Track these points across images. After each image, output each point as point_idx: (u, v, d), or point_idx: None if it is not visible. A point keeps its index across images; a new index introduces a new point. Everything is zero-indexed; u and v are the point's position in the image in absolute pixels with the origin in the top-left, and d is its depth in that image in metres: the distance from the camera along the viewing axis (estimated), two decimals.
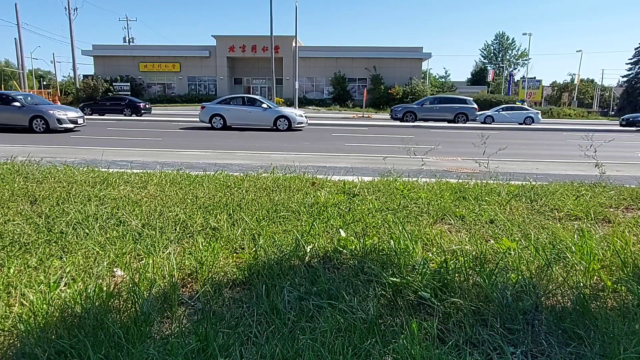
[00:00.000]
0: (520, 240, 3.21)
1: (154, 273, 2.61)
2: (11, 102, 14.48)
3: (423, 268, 2.54)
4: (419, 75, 43.01)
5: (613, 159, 8.76)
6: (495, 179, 5.67)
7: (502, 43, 73.78)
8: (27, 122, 14.27)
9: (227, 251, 3.05)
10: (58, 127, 14.32)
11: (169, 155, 9.33)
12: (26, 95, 15.61)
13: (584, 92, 55.66)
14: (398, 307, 2.27)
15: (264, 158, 9.08)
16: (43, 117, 14.22)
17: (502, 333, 2.04)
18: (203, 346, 1.87)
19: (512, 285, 2.41)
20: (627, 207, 4.56)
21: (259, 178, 5.59)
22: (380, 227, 3.62)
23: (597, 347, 1.93)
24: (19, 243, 3.06)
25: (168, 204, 4.20)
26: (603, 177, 5.62)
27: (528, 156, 10.58)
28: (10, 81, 55.34)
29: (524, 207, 4.38)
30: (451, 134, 17.87)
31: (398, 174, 5.95)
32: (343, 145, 12.58)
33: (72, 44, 39.72)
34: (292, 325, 2.08)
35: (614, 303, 2.36)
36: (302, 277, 2.60)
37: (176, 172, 5.92)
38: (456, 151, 11.20)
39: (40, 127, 14.26)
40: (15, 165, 6.10)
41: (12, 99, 14.58)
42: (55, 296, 2.31)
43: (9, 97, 14.75)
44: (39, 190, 4.57)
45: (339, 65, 42.93)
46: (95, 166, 6.36)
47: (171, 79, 45.17)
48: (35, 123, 14.26)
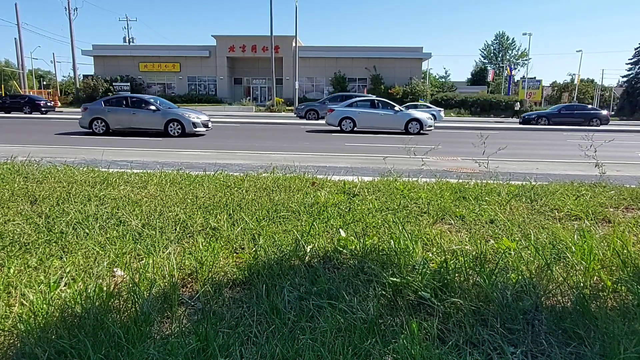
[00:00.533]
0: (520, 240, 3.21)
1: (154, 273, 2.61)
2: (147, 105, 14.28)
3: (423, 268, 2.54)
4: (419, 75, 43.03)
5: (613, 159, 8.76)
6: (495, 179, 5.67)
7: (502, 43, 73.76)
8: (163, 126, 14.01)
9: (227, 251, 3.05)
10: (193, 130, 14.04)
11: (169, 155, 9.33)
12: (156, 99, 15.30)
13: (584, 92, 55.56)
14: (398, 307, 2.27)
15: (264, 158, 9.08)
16: (179, 121, 13.92)
17: (502, 333, 2.04)
18: (203, 346, 1.87)
19: (512, 285, 2.41)
20: (627, 207, 4.56)
21: (259, 178, 5.59)
22: (380, 227, 3.62)
23: (597, 347, 1.93)
24: (19, 243, 3.06)
25: (168, 204, 4.20)
26: (603, 177, 5.61)
27: (528, 156, 10.58)
28: (10, 81, 55.32)
29: (524, 207, 4.38)
30: (451, 134, 17.87)
31: (398, 174, 5.95)
32: (343, 145, 12.58)
33: (72, 44, 39.76)
34: (292, 325, 2.08)
35: (614, 303, 2.36)
36: (302, 277, 2.60)
37: (176, 172, 5.92)
38: (456, 151, 11.21)
39: (176, 131, 13.91)
40: (15, 165, 6.10)
41: (148, 103, 14.39)
42: (55, 296, 2.31)
43: (145, 101, 14.55)
44: (39, 190, 4.57)
45: (339, 65, 42.95)
46: (95, 166, 6.36)
47: (171, 79, 45.20)
48: (171, 127, 13.95)
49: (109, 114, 14.25)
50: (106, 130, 14.22)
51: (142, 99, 14.88)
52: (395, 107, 17.37)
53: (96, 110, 14.37)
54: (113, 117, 14.24)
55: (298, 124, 22.16)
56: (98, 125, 14.23)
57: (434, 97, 43.01)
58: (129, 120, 14.22)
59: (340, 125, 16.90)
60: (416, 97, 40.08)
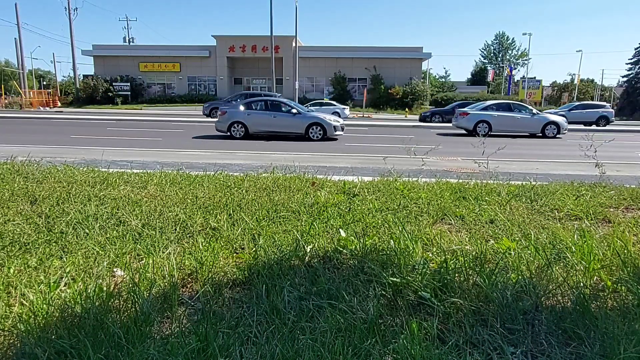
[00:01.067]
0: (520, 240, 3.21)
1: (154, 273, 2.61)
2: (288, 109, 14.06)
3: (423, 268, 2.54)
4: (419, 75, 43.01)
5: (613, 159, 8.76)
6: (495, 179, 5.67)
7: (502, 43, 73.78)
8: (304, 130, 13.75)
9: (227, 251, 3.05)
10: (334, 134, 13.79)
11: (169, 155, 9.33)
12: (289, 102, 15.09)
13: (584, 92, 55.57)
14: (398, 307, 2.27)
15: (264, 158, 9.08)
16: (321, 125, 13.70)
17: (502, 333, 2.04)
18: (203, 346, 1.87)
19: (512, 285, 2.40)
20: (627, 207, 4.56)
21: (259, 178, 5.59)
22: (380, 227, 3.62)
23: (597, 347, 1.93)
24: (19, 243, 3.06)
25: (168, 204, 4.20)
26: (603, 177, 5.61)
27: (528, 156, 10.58)
28: (10, 81, 55.34)
29: (524, 207, 4.38)
30: (451, 134, 17.86)
31: (398, 174, 5.95)
32: (343, 145, 12.58)
33: (72, 44, 39.75)
34: (292, 325, 2.08)
35: (614, 303, 2.36)
36: (302, 277, 2.60)
37: (176, 172, 5.92)
38: (456, 151, 11.20)
39: (317, 134, 13.69)
40: (15, 165, 6.10)
41: (288, 106, 14.21)
42: (55, 296, 2.31)
43: (285, 104, 14.36)
44: (39, 190, 4.57)
45: (339, 65, 42.92)
46: (95, 166, 6.35)
47: (171, 79, 45.17)
48: (312, 131, 13.69)
49: (249, 117, 13.87)
50: (245, 134, 13.78)
51: (282, 102, 14.66)
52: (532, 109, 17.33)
53: (236, 114, 13.95)
54: (253, 121, 13.84)
55: None
56: (237, 130, 13.80)
57: (433, 97, 43.01)
58: (269, 123, 13.82)
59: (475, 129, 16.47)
60: (416, 97, 40.09)
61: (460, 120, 17.26)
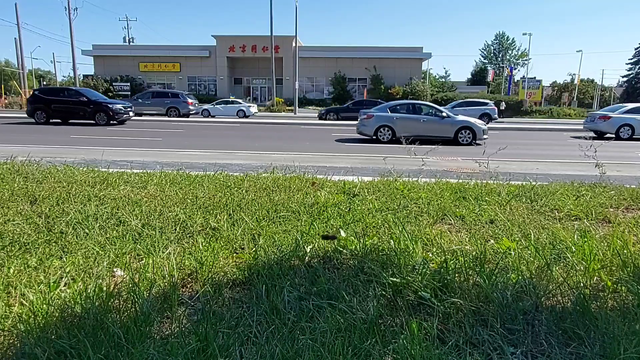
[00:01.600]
0: (520, 240, 3.21)
1: (154, 273, 2.61)
2: (437, 112, 13.88)
3: (423, 268, 2.54)
4: (419, 75, 43.04)
5: (613, 159, 8.77)
6: (495, 179, 5.67)
7: (502, 43, 73.76)
8: (453, 134, 13.51)
9: (227, 251, 3.05)
10: (482, 138, 13.57)
11: (169, 155, 9.33)
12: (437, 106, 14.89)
13: (584, 92, 55.61)
14: (398, 307, 2.27)
15: (264, 158, 9.08)
16: (471, 129, 13.54)
17: (502, 333, 2.04)
18: (203, 346, 1.87)
19: (512, 285, 2.40)
20: (627, 207, 4.56)
21: (259, 178, 5.59)
22: (380, 227, 3.62)
23: (597, 347, 1.93)
24: (19, 243, 3.06)
25: (168, 204, 4.20)
26: (603, 177, 5.62)
27: (528, 156, 10.58)
28: (10, 81, 55.34)
29: (524, 207, 4.38)
30: None
31: (398, 174, 5.95)
32: (343, 145, 12.59)
33: (72, 44, 39.69)
34: (292, 325, 2.08)
35: (614, 303, 2.36)
36: (302, 277, 2.60)
37: (176, 172, 5.92)
38: (456, 151, 11.21)
39: (466, 138, 13.52)
40: (15, 165, 6.10)
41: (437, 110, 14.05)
42: (55, 296, 2.31)
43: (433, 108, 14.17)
44: (39, 190, 4.57)
45: (339, 65, 42.94)
46: (95, 166, 6.35)
47: (171, 79, 45.19)
48: (461, 135, 13.52)
49: (397, 121, 13.66)
50: (391, 137, 13.55)
51: (429, 106, 14.54)
52: None
53: (383, 118, 13.74)
54: (401, 125, 13.55)
55: (298, 124, 22.18)
56: (384, 133, 13.62)
57: (434, 97, 42.99)
58: (416, 128, 13.40)
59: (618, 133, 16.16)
60: (416, 97, 40.10)
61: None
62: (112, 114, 18.60)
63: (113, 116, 18.63)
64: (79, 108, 18.81)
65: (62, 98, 19.09)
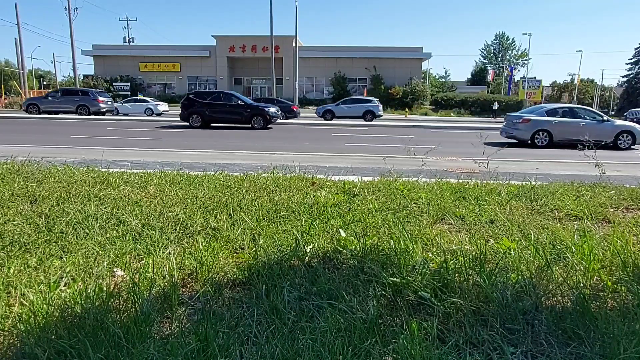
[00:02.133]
0: (520, 240, 3.21)
1: (154, 273, 2.61)
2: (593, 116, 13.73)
3: (423, 268, 2.54)
4: (419, 75, 43.05)
5: (613, 159, 8.77)
6: (495, 179, 5.67)
7: (502, 43, 73.78)
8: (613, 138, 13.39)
9: (227, 251, 3.05)
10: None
11: (169, 155, 9.33)
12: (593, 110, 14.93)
13: (584, 92, 55.58)
14: (398, 307, 2.27)
15: (264, 158, 9.08)
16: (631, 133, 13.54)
17: (502, 333, 2.04)
18: (203, 346, 1.87)
19: (512, 285, 2.40)
20: (627, 207, 4.56)
21: (259, 178, 5.59)
22: (380, 227, 3.62)
23: (597, 347, 1.93)
24: (19, 243, 3.06)
25: (168, 204, 4.20)
26: (603, 177, 5.61)
27: (528, 156, 10.58)
28: (10, 81, 55.34)
29: (524, 207, 4.38)
30: (451, 134, 17.86)
31: (398, 174, 5.95)
32: (343, 145, 12.59)
33: (72, 44, 39.69)
34: (292, 325, 2.08)
35: (614, 303, 2.36)
36: (302, 277, 2.60)
37: (176, 172, 5.92)
38: (456, 151, 11.20)
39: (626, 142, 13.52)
40: (15, 165, 6.10)
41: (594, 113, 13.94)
42: (55, 296, 2.31)
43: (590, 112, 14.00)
44: (39, 190, 4.57)
45: (339, 65, 42.95)
46: (95, 166, 6.35)
47: (171, 79, 45.21)
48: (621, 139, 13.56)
49: (555, 125, 13.52)
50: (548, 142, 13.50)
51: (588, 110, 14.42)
52: None
53: (541, 122, 13.60)
54: (559, 129, 13.47)
55: (298, 124, 22.19)
56: (541, 138, 13.52)
57: (433, 97, 43.01)
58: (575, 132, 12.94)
59: None
60: (416, 97, 40.11)
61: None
62: (269, 118, 18.31)
63: (270, 120, 18.36)
64: (236, 112, 18.38)
65: (218, 102, 18.54)
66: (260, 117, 18.25)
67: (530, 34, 48.92)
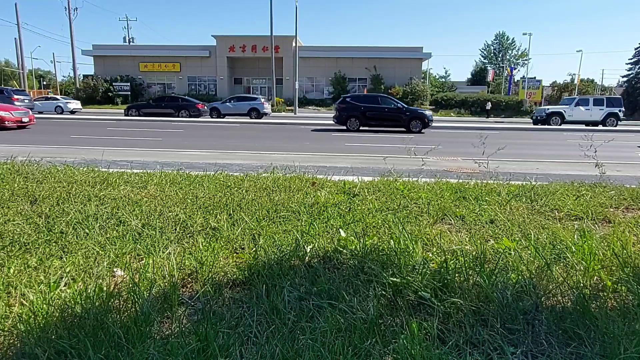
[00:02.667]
0: (520, 240, 3.21)
1: (154, 273, 2.61)
2: None
3: (423, 268, 2.54)
4: (419, 75, 43.01)
5: (613, 159, 8.76)
6: (495, 179, 5.67)
7: (502, 43, 73.74)
8: None
9: (227, 251, 3.05)
10: None
11: (169, 155, 9.33)
12: None
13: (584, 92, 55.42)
14: (398, 307, 2.27)
15: (264, 158, 9.07)
16: None
17: (502, 333, 2.04)
18: (203, 346, 1.87)
19: (512, 285, 2.40)
20: (627, 207, 4.56)
21: (259, 178, 5.59)
22: (380, 227, 3.62)
23: (597, 347, 1.93)
24: (19, 243, 3.06)
25: (168, 204, 4.20)
26: (603, 177, 5.61)
27: (528, 156, 10.57)
28: (10, 81, 55.32)
29: (524, 207, 4.37)
30: (452, 134, 17.87)
31: (398, 174, 5.95)
32: (343, 145, 12.58)
33: (72, 44, 39.74)
34: (292, 325, 2.08)
35: (614, 303, 2.36)
36: (302, 277, 2.60)
37: (176, 172, 5.92)
38: (456, 151, 11.20)
39: None
40: (15, 165, 6.10)
41: None
42: (55, 296, 2.31)
43: None
44: (39, 190, 4.57)
45: (339, 65, 42.92)
46: (95, 166, 6.35)
47: (171, 79, 45.18)
48: None
49: None
50: None
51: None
52: None
53: None
54: None
55: (299, 124, 22.18)
56: None
57: (434, 97, 42.99)
58: None
59: None
60: (416, 97, 40.08)
61: None
62: (427, 122, 18.31)
63: (427, 123, 18.38)
64: (395, 116, 18.36)
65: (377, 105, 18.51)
66: (419, 121, 18.33)
67: (530, 34, 48.92)
